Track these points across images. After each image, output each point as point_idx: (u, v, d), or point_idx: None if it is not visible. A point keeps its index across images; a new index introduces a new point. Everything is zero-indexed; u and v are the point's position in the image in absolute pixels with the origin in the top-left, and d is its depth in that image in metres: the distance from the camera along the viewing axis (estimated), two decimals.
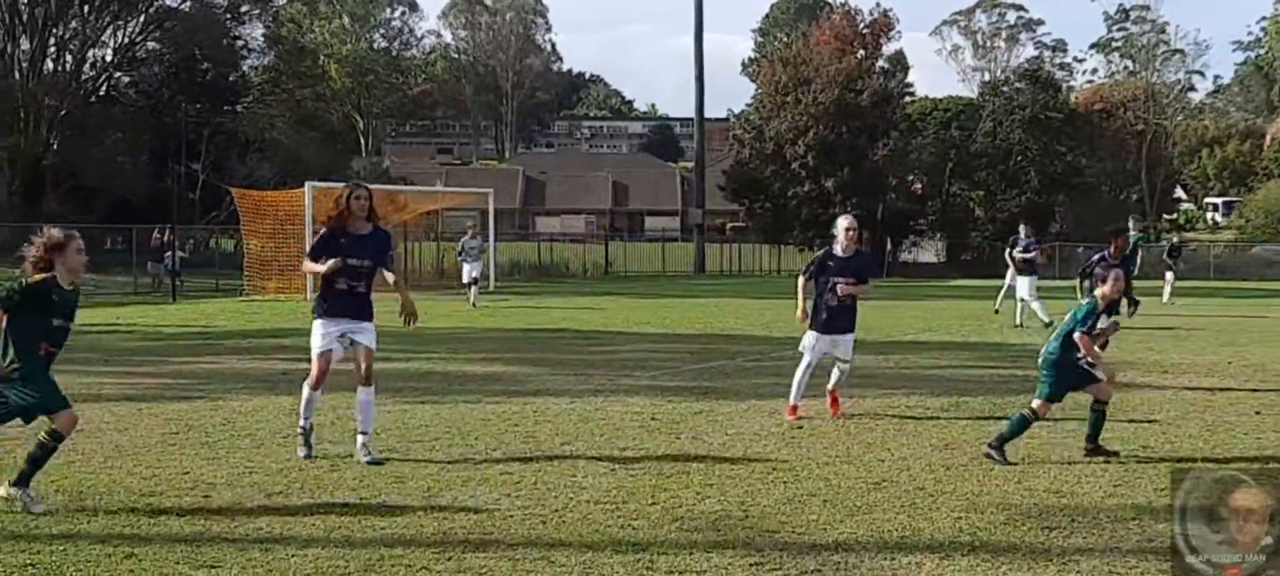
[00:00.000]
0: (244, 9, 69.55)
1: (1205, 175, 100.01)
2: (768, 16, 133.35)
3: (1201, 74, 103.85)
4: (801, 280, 12.88)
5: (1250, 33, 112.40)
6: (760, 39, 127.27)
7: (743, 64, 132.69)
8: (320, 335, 9.95)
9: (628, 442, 10.93)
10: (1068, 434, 11.50)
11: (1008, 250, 28.05)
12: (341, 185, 10.69)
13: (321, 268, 9.86)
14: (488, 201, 47.29)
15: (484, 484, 9.17)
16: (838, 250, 12.68)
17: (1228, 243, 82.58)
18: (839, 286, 12.50)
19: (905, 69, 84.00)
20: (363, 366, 9.95)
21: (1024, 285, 26.37)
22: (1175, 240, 40.80)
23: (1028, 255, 26.96)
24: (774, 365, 18.12)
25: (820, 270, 12.67)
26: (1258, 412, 13.07)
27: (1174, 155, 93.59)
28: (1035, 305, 25.88)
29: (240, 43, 71.15)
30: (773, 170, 75.03)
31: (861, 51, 78.21)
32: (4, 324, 8.00)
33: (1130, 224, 30.19)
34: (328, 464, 9.79)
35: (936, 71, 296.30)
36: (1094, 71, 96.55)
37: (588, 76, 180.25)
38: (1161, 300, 36.19)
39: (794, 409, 12.49)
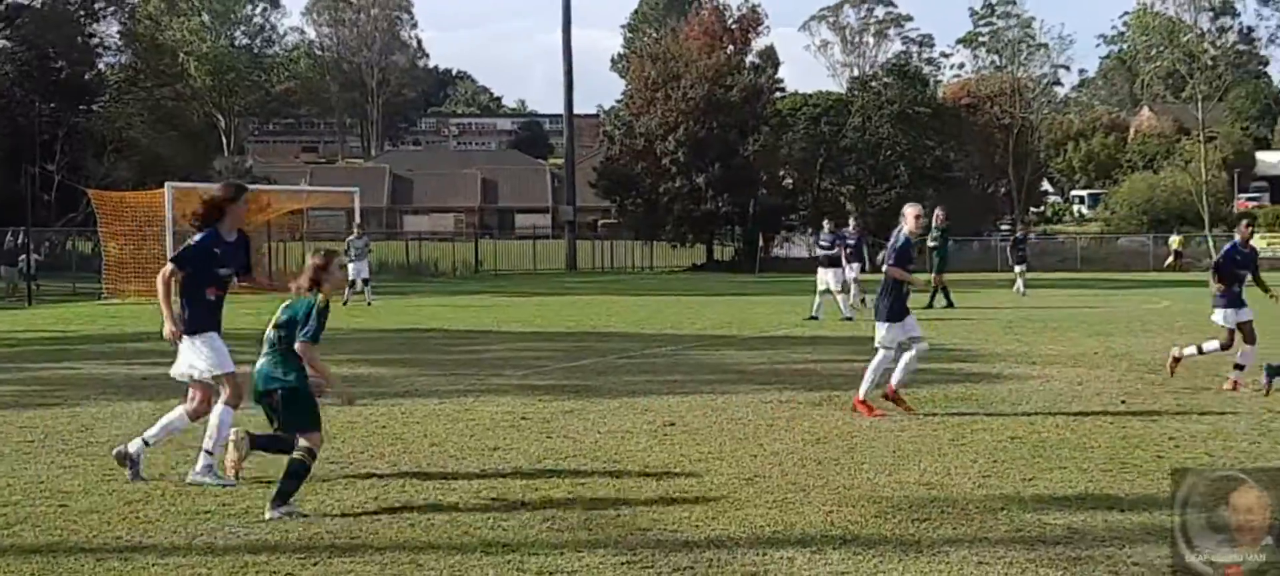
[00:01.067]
0: (99, 6, 67.83)
1: (1071, 168, 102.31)
2: (636, 12, 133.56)
3: (1067, 68, 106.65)
4: (897, 268, 12.67)
5: (1114, 27, 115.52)
6: (629, 35, 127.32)
7: (612, 60, 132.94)
8: (225, 350, 9.32)
9: (498, 442, 10.79)
10: (937, 426, 11.61)
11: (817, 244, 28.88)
12: (211, 186, 10.18)
13: (210, 294, 9.27)
14: (354, 200, 46.64)
15: (350, 487, 8.97)
16: (908, 233, 12.81)
17: (1094, 235, 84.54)
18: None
19: (775, 64, 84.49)
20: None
21: (828, 277, 27.09)
22: (1018, 234, 41.62)
23: (831, 251, 27.78)
24: (646, 362, 18.12)
25: (906, 257, 12.73)
26: (1123, 402, 13.32)
27: (1041, 148, 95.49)
28: (839, 298, 26.45)
29: (95, 40, 69.37)
30: (644, 166, 75.09)
31: (731, 47, 78.56)
32: None
33: (934, 220, 30.85)
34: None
35: (806, 67, 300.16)
36: (961, 66, 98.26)
37: (455, 73, 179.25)
38: (1013, 292, 36.98)
39: (866, 404, 12.38)
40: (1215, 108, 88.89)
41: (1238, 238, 15.42)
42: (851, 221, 30.87)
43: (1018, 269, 38.35)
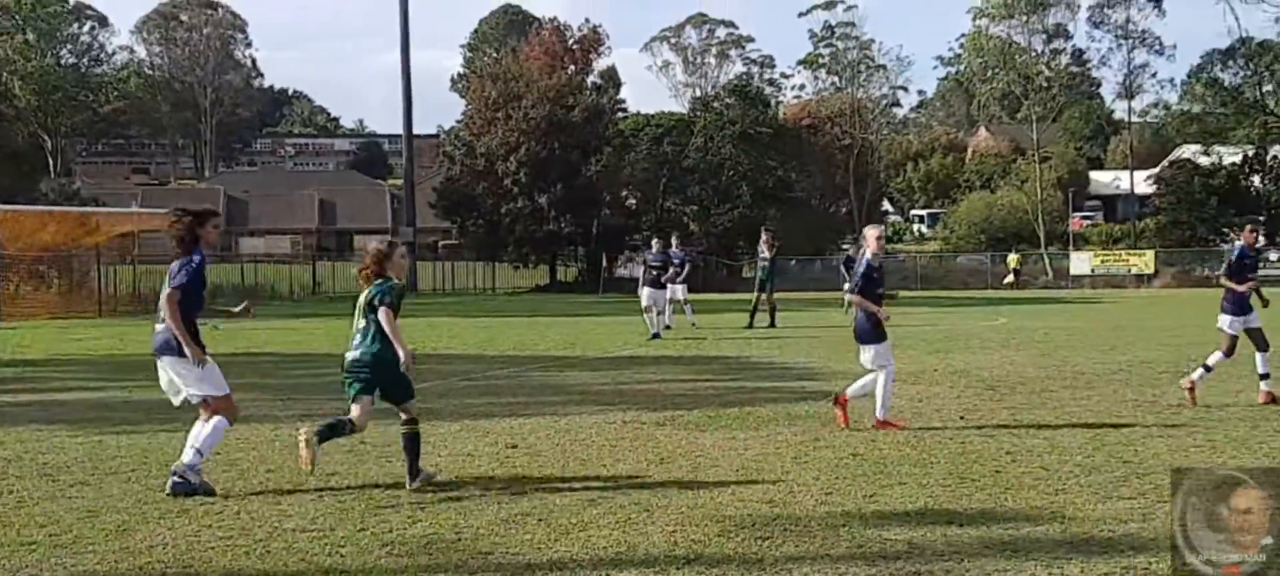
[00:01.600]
0: None
1: (911, 188, 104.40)
2: (476, 32, 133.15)
3: (905, 89, 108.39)
4: (858, 295, 12.89)
5: (950, 49, 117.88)
6: (469, 54, 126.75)
7: (452, 79, 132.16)
8: (219, 372, 9.87)
9: (336, 467, 10.54)
10: (780, 444, 11.66)
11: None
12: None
13: (195, 315, 9.81)
14: None
15: (183, 515, 8.68)
16: (870, 258, 12.95)
17: (933, 253, 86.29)
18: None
19: (617, 84, 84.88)
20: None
21: (655, 295, 27.55)
22: (849, 254, 42.34)
23: (655, 266, 28.09)
24: (488, 384, 17.94)
25: (873, 281, 12.90)
26: (962, 417, 13.52)
27: (881, 169, 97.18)
28: (648, 316, 26.73)
29: None
30: (485, 187, 74.74)
31: (572, 67, 78.74)
32: None
33: (761, 242, 31.48)
34: (14, 499, 9.14)
35: (649, 87, 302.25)
36: (802, 87, 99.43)
37: (291, 93, 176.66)
38: (844, 311, 37.51)
39: (887, 422, 12.48)
40: (1050, 128, 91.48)
41: (1243, 241, 15.47)
42: (674, 241, 31.02)
43: (846, 287, 38.94)
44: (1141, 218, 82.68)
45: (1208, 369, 14.54)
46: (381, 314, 9.63)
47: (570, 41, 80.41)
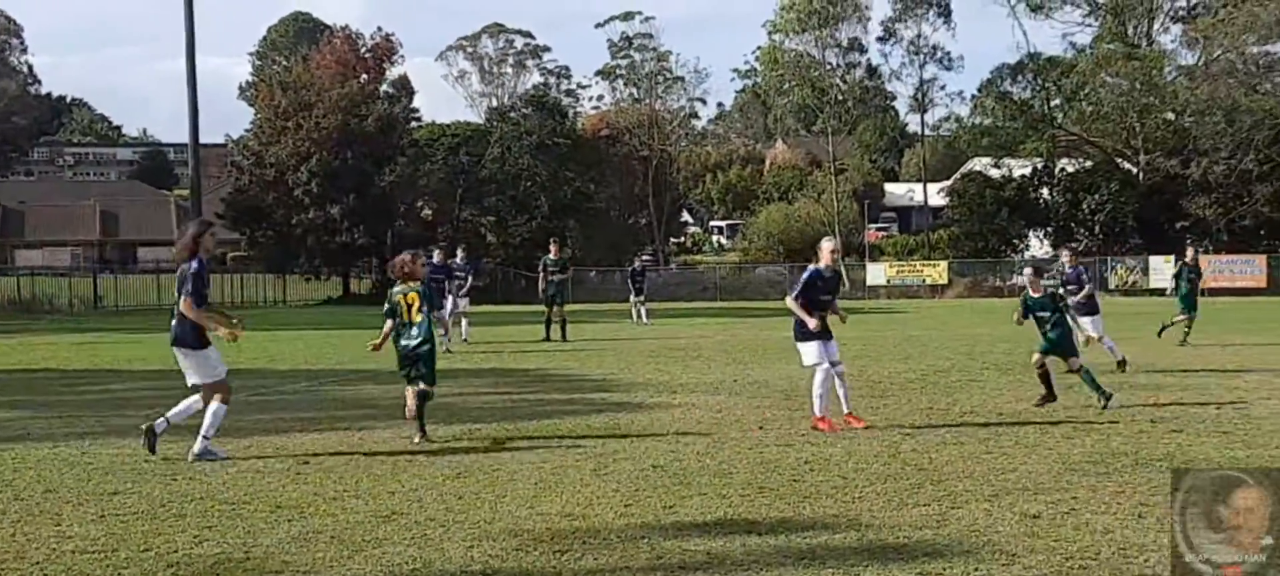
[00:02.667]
0: None
1: (710, 199, 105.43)
2: (265, 40, 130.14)
3: (703, 101, 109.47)
4: (799, 301, 13.62)
5: (747, 62, 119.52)
6: (258, 63, 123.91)
7: (240, 88, 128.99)
8: (220, 361, 12.16)
9: (118, 486, 10.10)
10: (580, 456, 11.57)
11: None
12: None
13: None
14: None
15: None
16: (822, 268, 13.73)
17: (732, 264, 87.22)
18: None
19: (410, 94, 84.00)
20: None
21: (459, 304, 28.24)
22: (636, 265, 42.61)
23: (435, 278, 28.18)
24: (278, 399, 17.48)
25: (817, 288, 13.59)
26: (760, 428, 13.60)
27: (680, 180, 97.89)
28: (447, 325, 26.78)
29: None
30: (275, 197, 73.21)
31: (365, 76, 77.70)
32: None
33: (551, 252, 31.65)
34: None
35: (445, 97, 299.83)
36: (600, 98, 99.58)
37: (71, 100, 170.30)
38: (633, 322, 37.74)
39: (827, 420, 13.14)
40: (845, 141, 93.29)
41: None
42: (460, 252, 30.78)
43: (635, 299, 39.12)
44: (935, 229, 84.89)
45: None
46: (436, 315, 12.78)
47: (362, 50, 79.35)
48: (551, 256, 31.70)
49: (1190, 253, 28.34)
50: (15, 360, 26.63)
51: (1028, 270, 16.47)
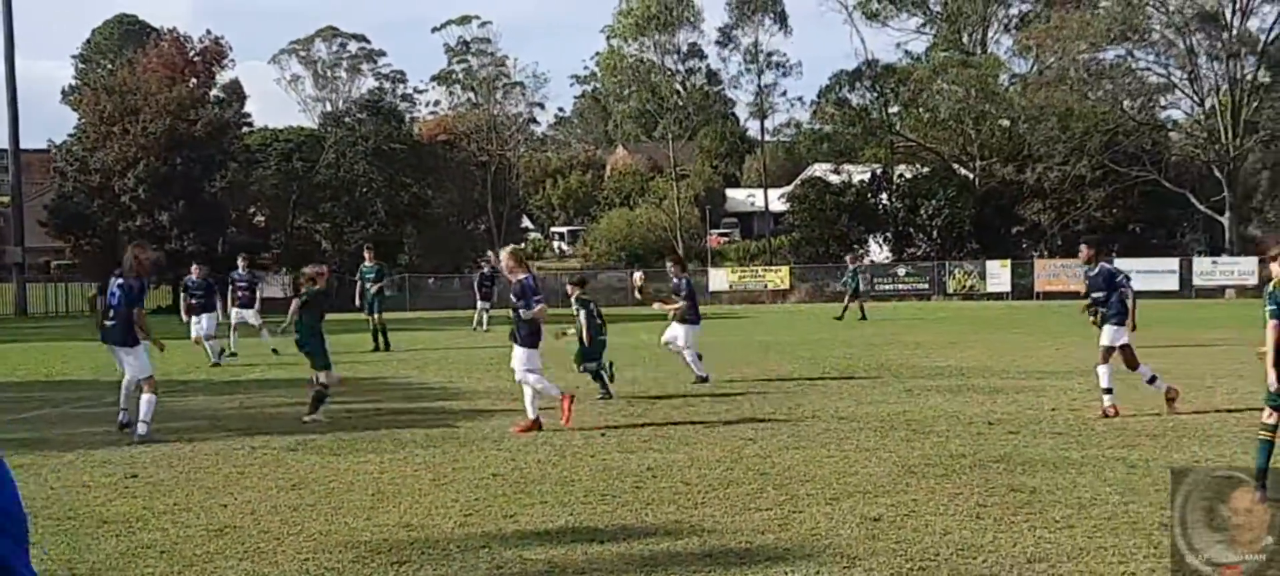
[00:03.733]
0: None
1: (551, 204, 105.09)
2: (89, 43, 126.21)
3: (542, 106, 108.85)
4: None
5: (586, 67, 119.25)
6: (82, 66, 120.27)
7: (63, 92, 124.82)
8: (148, 357, 14.86)
9: None
10: (419, 466, 11.39)
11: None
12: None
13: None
14: None
15: None
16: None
17: (574, 271, 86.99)
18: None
19: (242, 98, 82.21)
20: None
21: (235, 315, 28.61)
22: (485, 270, 42.27)
23: (242, 286, 28.98)
24: (105, 411, 16.90)
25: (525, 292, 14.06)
26: (603, 433, 13.54)
27: (520, 186, 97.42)
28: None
29: None
30: (101, 204, 71.10)
31: (194, 80, 75.87)
32: None
33: (366, 258, 31.23)
34: None
35: (277, 101, 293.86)
36: (437, 103, 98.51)
37: None
38: (473, 328, 37.41)
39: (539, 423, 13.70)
40: (686, 147, 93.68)
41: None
42: (240, 261, 30.23)
43: (482, 305, 38.84)
44: (777, 234, 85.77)
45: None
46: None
47: (191, 53, 77.47)
48: (367, 264, 31.00)
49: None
50: None
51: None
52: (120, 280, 14.62)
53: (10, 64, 71.96)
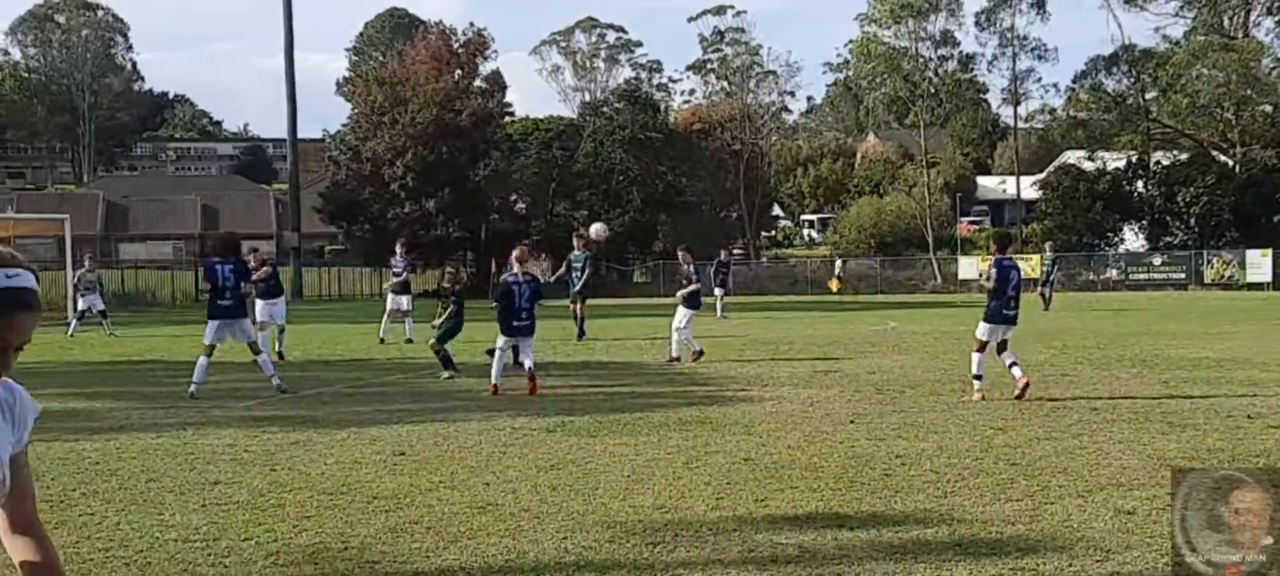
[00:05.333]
0: None
1: (801, 193, 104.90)
2: (362, 36, 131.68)
3: (794, 94, 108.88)
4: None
5: (839, 55, 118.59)
6: (355, 58, 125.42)
7: (337, 83, 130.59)
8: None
9: (219, 476, 10.30)
10: (672, 449, 11.61)
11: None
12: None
13: None
14: (64, 227, 44.52)
15: (62, 527, 8.37)
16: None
17: (823, 258, 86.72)
18: None
19: (504, 88, 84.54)
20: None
21: (391, 301, 29.30)
22: (721, 258, 42.37)
23: (397, 274, 29.68)
24: (376, 391, 17.72)
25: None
26: (852, 421, 13.55)
27: (771, 174, 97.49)
28: (408, 322, 27.94)
29: None
30: (371, 191, 74.06)
31: (459, 71, 78.27)
32: None
33: (575, 244, 30.88)
34: None
35: (537, 91, 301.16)
36: (692, 92, 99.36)
37: (173, 96, 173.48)
38: (716, 317, 37.53)
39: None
40: (937, 134, 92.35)
41: None
42: (399, 249, 30.64)
43: (718, 293, 38.97)
44: (1028, 222, 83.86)
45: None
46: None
47: (456, 45, 79.91)
48: (577, 252, 29.99)
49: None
50: (118, 351, 27.23)
51: None
52: (230, 264, 17.83)
53: (290, 58, 75.54)
